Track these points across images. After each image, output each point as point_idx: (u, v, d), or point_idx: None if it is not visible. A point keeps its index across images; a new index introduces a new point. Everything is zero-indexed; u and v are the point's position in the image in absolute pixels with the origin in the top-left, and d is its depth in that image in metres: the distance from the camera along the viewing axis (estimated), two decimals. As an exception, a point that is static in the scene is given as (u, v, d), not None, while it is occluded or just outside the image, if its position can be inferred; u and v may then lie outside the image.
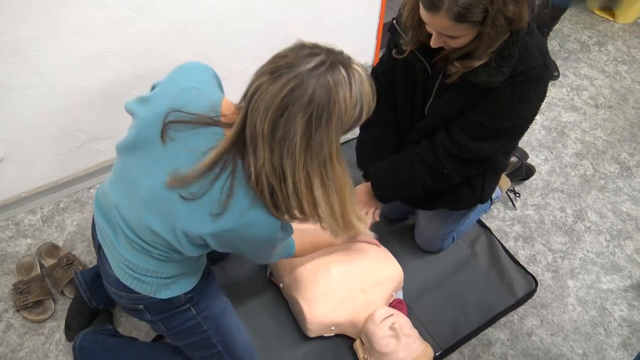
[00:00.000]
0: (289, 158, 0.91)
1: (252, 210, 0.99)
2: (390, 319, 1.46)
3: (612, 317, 1.71)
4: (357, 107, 0.92)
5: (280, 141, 0.89)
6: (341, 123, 0.91)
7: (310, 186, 0.95)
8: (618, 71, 2.66)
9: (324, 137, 0.90)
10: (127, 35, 1.66)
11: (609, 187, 2.11)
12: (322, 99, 0.87)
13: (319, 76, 0.87)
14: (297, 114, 0.87)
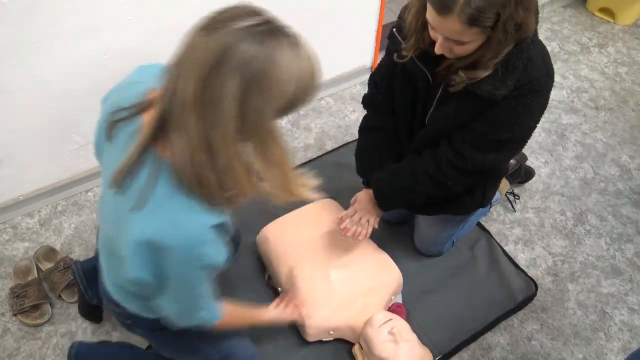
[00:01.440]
0: (219, 127, 0.79)
1: (168, 204, 0.87)
2: (389, 323, 1.45)
3: (613, 322, 1.70)
4: (298, 82, 0.82)
5: (209, 106, 0.78)
6: (279, 93, 0.81)
7: (242, 159, 0.85)
8: (618, 73, 2.65)
9: (260, 105, 0.80)
10: (124, 37, 1.65)
11: (610, 190, 2.10)
12: (258, 62, 0.77)
13: (258, 35, 0.78)
14: (229, 74, 0.77)
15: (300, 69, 0.83)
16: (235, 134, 0.81)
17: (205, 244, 0.90)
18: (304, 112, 2.34)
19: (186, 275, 0.96)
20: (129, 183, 0.90)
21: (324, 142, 2.22)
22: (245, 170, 0.86)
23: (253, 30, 0.79)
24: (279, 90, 0.81)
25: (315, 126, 2.29)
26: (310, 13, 2.04)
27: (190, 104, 0.79)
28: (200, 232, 0.89)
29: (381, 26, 2.32)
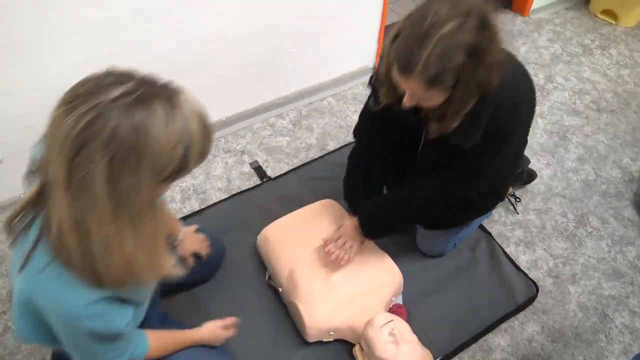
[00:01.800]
0: (93, 209, 0.74)
1: (48, 272, 0.82)
2: (389, 324, 1.45)
3: (614, 324, 1.70)
4: (180, 147, 0.76)
5: (79, 188, 0.72)
6: (157, 167, 0.75)
7: (121, 243, 0.78)
8: (620, 75, 2.65)
9: (134, 183, 0.73)
10: (128, 37, 1.66)
11: (611, 192, 2.10)
12: (128, 136, 0.71)
13: (124, 108, 0.71)
14: (97, 153, 0.70)
15: (186, 130, 0.77)
16: (111, 217, 0.75)
17: (85, 319, 0.85)
18: (306, 113, 2.34)
19: (76, 341, 0.92)
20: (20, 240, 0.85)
21: (325, 142, 2.22)
22: (121, 253, 0.80)
23: (118, 102, 0.72)
24: (158, 161, 0.75)
25: (318, 126, 2.29)
26: (313, 14, 2.04)
27: (61, 186, 0.73)
28: (78, 308, 0.84)
29: (383, 27, 2.32)
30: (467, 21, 1.02)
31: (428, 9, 1.04)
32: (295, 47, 2.13)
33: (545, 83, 2.58)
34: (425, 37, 1.02)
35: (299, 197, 1.96)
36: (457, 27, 1.02)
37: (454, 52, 1.03)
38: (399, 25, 1.10)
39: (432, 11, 1.03)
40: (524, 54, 2.73)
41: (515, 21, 2.96)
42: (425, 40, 1.02)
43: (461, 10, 1.02)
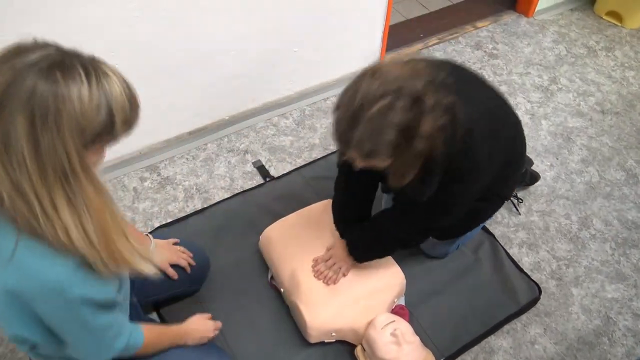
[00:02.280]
0: (21, 170, 0.75)
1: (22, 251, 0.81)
2: (391, 325, 1.44)
3: (617, 327, 1.69)
4: (103, 111, 0.77)
5: (7, 151, 0.74)
6: (79, 127, 0.76)
7: (54, 206, 0.78)
8: (625, 77, 2.64)
9: (56, 140, 0.74)
10: (131, 35, 1.66)
11: (615, 194, 2.09)
12: (46, 95, 0.73)
13: (43, 70, 0.73)
14: (17, 112, 0.72)
15: (108, 95, 0.78)
16: (38, 176, 0.75)
17: (74, 287, 0.85)
18: (310, 112, 2.34)
19: (73, 318, 0.90)
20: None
21: (329, 142, 2.22)
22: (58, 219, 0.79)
23: (38, 65, 0.74)
24: (79, 121, 0.75)
25: (321, 126, 2.29)
26: (317, 13, 2.04)
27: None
28: (62, 279, 0.83)
29: (388, 27, 2.32)
30: (396, 100, 1.02)
31: (359, 86, 1.06)
32: (299, 46, 2.12)
33: (550, 84, 2.57)
34: (355, 117, 1.04)
35: (302, 196, 1.96)
36: (386, 107, 1.02)
37: (384, 132, 1.04)
38: (338, 97, 1.11)
39: (362, 89, 1.04)
40: (528, 55, 2.73)
41: (520, 22, 2.95)
42: (355, 120, 1.04)
43: (390, 88, 1.03)
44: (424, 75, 1.08)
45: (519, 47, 2.78)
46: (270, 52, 2.07)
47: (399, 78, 1.04)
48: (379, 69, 1.07)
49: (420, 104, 1.04)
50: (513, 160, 1.49)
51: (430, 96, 1.05)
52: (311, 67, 2.25)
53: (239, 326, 1.61)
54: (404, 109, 1.02)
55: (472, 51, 2.74)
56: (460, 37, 2.82)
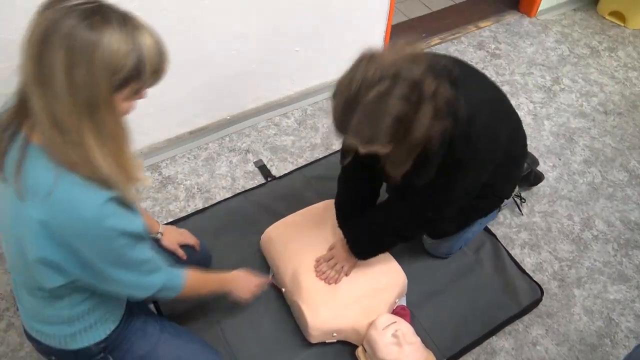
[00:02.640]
0: (56, 100, 0.83)
1: (60, 185, 0.88)
2: (393, 326, 1.44)
3: (619, 328, 1.69)
4: (133, 55, 0.85)
5: (45, 81, 0.82)
6: (110, 67, 0.83)
7: (82, 136, 0.86)
8: (628, 77, 2.63)
9: (88, 74, 0.82)
10: (133, 35, 1.65)
11: (618, 195, 2.09)
12: (84, 34, 0.81)
13: (84, 11, 0.82)
14: (57, 46, 0.81)
15: (140, 44, 0.86)
16: (72, 107, 0.84)
17: (106, 218, 0.91)
18: (311, 112, 2.34)
19: (109, 249, 0.95)
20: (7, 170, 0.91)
21: (331, 142, 2.21)
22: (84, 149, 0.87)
23: (79, 7, 0.82)
24: (110, 61, 0.83)
25: (323, 126, 2.28)
26: (319, 13, 2.04)
27: (31, 82, 0.84)
28: (95, 211, 0.89)
29: (390, 26, 2.31)
30: (393, 86, 1.01)
31: (355, 72, 1.04)
32: (300, 46, 2.12)
33: (552, 85, 2.56)
34: (352, 103, 1.03)
35: (304, 196, 1.95)
36: (384, 92, 1.01)
37: (382, 118, 1.03)
38: (335, 84, 1.10)
39: (359, 74, 1.03)
40: (530, 55, 2.72)
41: (523, 22, 2.95)
42: (352, 106, 1.03)
43: (387, 73, 1.01)
44: (423, 61, 1.05)
45: (521, 47, 2.77)
46: (271, 52, 2.06)
47: (397, 63, 1.02)
48: (376, 53, 1.05)
49: (419, 90, 1.02)
50: (514, 157, 1.49)
51: (430, 82, 1.03)
52: (313, 66, 2.25)
53: (240, 326, 1.61)
54: (401, 95, 1.01)
55: (474, 51, 2.73)
56: (462, 37, 2.82)
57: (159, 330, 1.29)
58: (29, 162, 0.89)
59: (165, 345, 1.27)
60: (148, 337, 1.25)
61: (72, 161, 0.88)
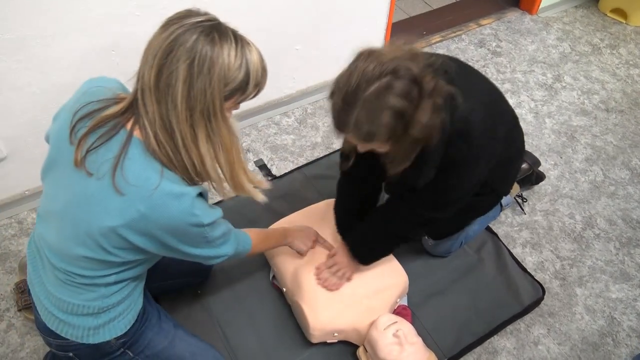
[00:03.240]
0: (173, 108, 0.91)
1: (161, 190, 0.94)
2: (394, 326, 1.44)
3: (621, 327, 1.68)
4: (242, 70, 0.94)
5: (164, 89, 0.91)
6: (224, 77, 0.92)
7: (195, 140, 0.95)
8: (630, 75, 2.62)
9: (206, 85, 0.91)
10: (132, 34, 1.65)
11: (619, 193, 2.08)
12: (205, 47, 0.90)
13: (205, 28, 0.91)
14: (180, 58, 0.89)
15: (249, 60, 0.95)
16: (187, 115, 0.92)
17: (194, 215, 0.99)
18: (312, 111, 2.33)
19: (191, 237, 1.04)
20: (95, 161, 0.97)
21: (331, 141, 2.21)
22: (197, 151, 0.96)
23: (201, 24, 0.92)
24: (225, 73, 0.92)
25: (323, 124, 2.28)
26: (320, 11, 2.03)
27: (150, 88, 0.92)
28: (187, 208, 0.97)
29: (390, 24, 2.30)
30: (393, 82, 1.00)
31: (354, 68, 1.04)
32: (301, 44, 2.11)
33: (554, 82, 2.55)
34: (352, 99, 1.03)
35: (304, 195, 1.95)
36: (383, 89, 1.01)
37: (380, 114, 1.02)
38: (334, 82, 1.10)
39: (358, 70, 1.03)
40: (532, 53, 2.71)
41: (524, 19, 2.93)
42: (351, 102, 1.03)
43: (387, 68, 1.01)
44: (422, 58, 1.05)
45: (522, 45, 2.76)
46: (271, 50, 2.04)
47: (397, 59, 1.02)
48: (375, 50, 1.06)
49: (419, 86, 1.02)
50: (511, 154, 1.48)
51: (429, 79, 1.03)
52: (313, 65, 2.24)
53: (241, 326, 1.61)
54: (401, 91, 1.01)
55: (475, 49, 2.72)
56: (463, 35, 2.81)
57: (173, 326, 1.32)
58: (131, 158, 0.95)
59: (180, 341, 1.30)
60: (164, 333, 1.28)
61: (177, 163, 0.96)
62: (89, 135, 0.97)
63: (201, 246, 1.09)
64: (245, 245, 1.27)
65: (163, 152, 0.95)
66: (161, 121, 0.93)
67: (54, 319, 1.12)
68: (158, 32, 0.94)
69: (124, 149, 0.95)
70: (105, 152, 0.96)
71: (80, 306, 1.10)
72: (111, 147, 0.96)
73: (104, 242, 0.99)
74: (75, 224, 1.01)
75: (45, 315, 1.13)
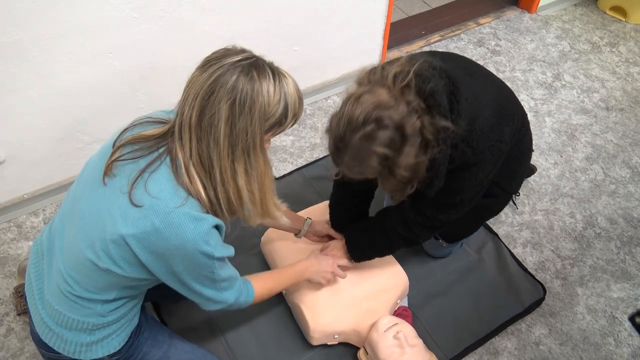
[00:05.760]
0: (215, 145, 0.95)
1: (180, 210, 0.96)
2: (394, 328, 1.43)
3: (622, 327, 1.68)
4: (281, 103, 0.97)
5: (206, 128, 0.94)
6: (264, 114, 0.96)
7: (234, 175, 0.99)
8: (630, 73, 2.61)
9: (248, 123, 0.94)
10: (130, 36, 1.64)
11: (620, 192, 2.07)
12: (246, 87, 0.93)
13: (244, 67, 0.94)
14: (222, 99, 0.92)
15: (287, 93, 0.98)
16: (228, 152, 0.96)
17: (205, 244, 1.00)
18: (311, 112, 2.32)
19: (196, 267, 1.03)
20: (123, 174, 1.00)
21: (330, 142, 2.20)
22: (234, 184, 1.00)
23: (239, 63, 0.95)
24: (266, 110, 0.95)
25: (322, 125, 2.27)
26: (318, 12, 2.02)
27: (192, 126, 0.95)
28: (199, 235, 0.98)
29: (389, 24, 2.29)
30: (376, 132, 1.05)
31: (342, 113, 1.09)
32: (299, 45, 2.10)
33: (553, 81, 2.55)
34: (340, 144, 1.10)
35: (304, 197, 1.94)
36: (367, 137, 1.06)
37: (367, 158, 1.08)
38: (329, 119, 1.15)
39: (345, 117, 1.08)
40: (531, 52, 2.70)
41: (523, 18, 2.93)
42: (340, 147, 1.10)
43: (370, 117, 1.05)
44: (406, 98, 1.07)
45: (522, 44, 2.75)
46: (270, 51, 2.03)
47: (380, 106, 1.06)
48: (362, 93, 1.09)
49: (401, 133, 1.06)
50: (521, 152, 1.47)
51: (413, 122, 1.07)
52: (312, 65, 2.23)
53: (240, 328, 1.60)
54: (384, 140, 1.06)
55: (474, 48, 2.72)
56: (462, 34, 2.80)
57: (168, 336, 1.31)
58: (157, 179, 0.98)
59: (176, 350, 1.30)
60: (159, 344, 1.28)
61: (207, 197, 1.00)
62: (125, 147, 1.03)
63: (206, 284, 1.09)
64: (247, 298, 1.23)
65: (194, 187, 0.98)
66: (198, 157, 0.97)
67: (48, 330, 1.11)
68: (198, 72, 0.97)
69: (152, 166, 0.99)
70: (134, 166, 1.00)
71: (75, 321, 1.09)
72: (140, 165, 1.00)
73: (113, 250, 1.00)
74: (92, 226, 1.02)
75: (40, 325, 1.13)
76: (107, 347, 1.15)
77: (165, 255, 1.00)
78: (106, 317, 1.11)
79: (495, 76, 1.38)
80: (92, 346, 1.13)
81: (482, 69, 1.36)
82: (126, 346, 1.19)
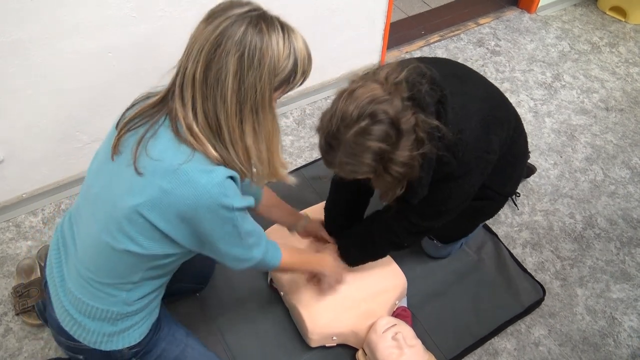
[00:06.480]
0: (222, 103, 0.90)
1: (188, 165, 0.92)
2: (393, 329, 1.43)
3: (622, 328, 1.67)
4: (291, 58, 0.92)
5: (212, 84, 0.89)
6: (274, 69, 0.90)
7: (242, 135, 0.94)
8: (629, 73, 2.61)
9: (257, 79, 0.89)
10: (129, 35, 1.64)
11: (620, 192, 2.07)
12: (254, 39, 0.87)
13: (252, 18, 0.89)
14: (230, 51, 0.87)
15: (296, 48, 0.93)
16: (236, 109, 0.90)
17: (223, 196, 0.94)
18: (310, 112, 2.32)
19: (219, 223, 0.99)
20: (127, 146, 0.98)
21: (329, 142, 2.20)
22: (242, 144, 0.95)
23: (247, 14, 0.89)
24: (275, 65, 0.90)
25: (321, 125, 2.27)
26: (318, 12, 2.02)
27: (196, 83, 0.89)
28: (215, 187, 0.93)
29: (389, 24, 2.29)
30: (371, 127, 1.03)
31: (335, 109, 1.07)
32: (299, 45, 2.10)
33: (553, 81, 2.54)
34: (333, 141, 1.08)
35: (303, 197, 1.94)
36: (361, 133, 1.04)
37: (361, 156, 1.06)
38: (320, 118, 1.14)
39: (338, 112, 1.06)
40: (531, 52, 2.70)
41: (522, 18, 2.92)
42: (333, 145, 1.08)
43: (364, 112, 1.03)
44: (403, 90, 1.07)
45: (521, 44, 2.75)
46: (270, 51, 2.04)
47: (375, 100, 1.04)
48: (355, 89, 1.08)
49: (396, 128, 1.05)
50: (515, 156, 1.47)
51: (408, 118, 1.06)
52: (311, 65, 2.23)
53: (240, 329, 1.60)
54: (379, 135, 1.04)
55: (474, 48, 2.71)
56: (462, 34, 2.80)
57: (185, 335, 1.31)
58: (157, 138, 0.94)
59: (191, 350, 1.30)
60: (177, 342, 1.28)
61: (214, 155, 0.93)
62: (128, 123, 1.00)
63: (232, 242, 1.04)
64: (273, 259, 1.20)
65: (201, 146, 0.93)
66: (204, 117, 0.91)
67: (69, 318, 1.10)
68: (201, 25, 0.91)
69: (151, 129, 0.95)
70: (136, 136, 0.97)
71: (100, 310, 1.08)
72: (140, 133, 0.97)
73: (128, 227, 0.97)
74: (104, 207, 1.01)
75: (62, 313, 1.11)
76: (128, 338, 1.14)
77: (184, 219, 0.96)
78: (131, 306, 1.10)
79: (487, 81, 1.37)
80: (114, 337, 1.12)
81: (473, 74, 1.35)
82: (146, 339, 1.18)
